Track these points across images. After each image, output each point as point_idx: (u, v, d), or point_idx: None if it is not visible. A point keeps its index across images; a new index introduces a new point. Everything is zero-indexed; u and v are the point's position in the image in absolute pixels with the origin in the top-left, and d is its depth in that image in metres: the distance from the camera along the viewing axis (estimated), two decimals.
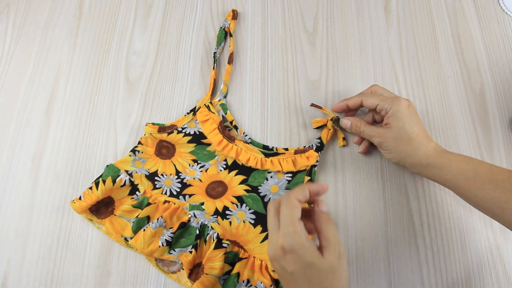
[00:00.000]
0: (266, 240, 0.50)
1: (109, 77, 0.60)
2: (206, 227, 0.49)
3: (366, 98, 0.51)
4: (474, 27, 0.65)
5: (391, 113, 0.48)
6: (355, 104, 0.52)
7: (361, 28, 0.64)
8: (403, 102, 0.48)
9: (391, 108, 0.48)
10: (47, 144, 0.55)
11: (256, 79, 0.60)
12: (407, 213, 0.53)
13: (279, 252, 0.37)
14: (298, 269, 0.36)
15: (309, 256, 0.36)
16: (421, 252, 0.51)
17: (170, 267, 0.49)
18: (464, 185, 0.44)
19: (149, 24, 0.64)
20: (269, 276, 0.47)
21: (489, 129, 0.58)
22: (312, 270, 0.36)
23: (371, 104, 0.50)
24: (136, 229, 0.48)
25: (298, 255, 0.36)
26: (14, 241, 0.50)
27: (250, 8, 0.65)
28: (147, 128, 0.54)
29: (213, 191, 0.52)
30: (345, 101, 0.53)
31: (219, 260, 0.46)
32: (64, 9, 0.64)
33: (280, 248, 0.36)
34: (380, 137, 0.49)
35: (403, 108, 0.47)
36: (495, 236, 0.51)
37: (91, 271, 0.49)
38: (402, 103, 0.48)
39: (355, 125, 0.52)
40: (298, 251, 0.36)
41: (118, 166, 0.51)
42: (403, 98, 0.49)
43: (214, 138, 0.54)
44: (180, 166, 0.53)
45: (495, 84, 0.61)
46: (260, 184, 0.53)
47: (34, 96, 0.58)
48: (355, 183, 0.54)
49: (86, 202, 0.48)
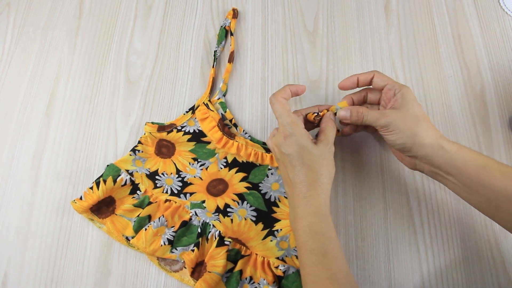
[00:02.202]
0: (268, 237, 0.50)
1: (109, 77, 0.60)
2: (208, 225, 0.49)
3: (378, 75, 0.49)
4: (474, 27, 0.65)
5: (400, 94, 0.46)
6: (366, 79, 0.49)
7: (361, 28, 0.64)
8: (411, 90, 0.47)
9: (400, 90, 0.46)
10: (47, 143, 0.55)
11: (257, 78, 0.60)
12: (407, 212, 0.53)
13: (280, 139, 0.45)
14: (294, 151, 0.44)
15: (304, 141, 0.44)
16: (421, 251, 0.51)
17: (173, 266, 0.49)
18: (474, 172, 0.42)
19: (149, 24, 0.64)
20: (271, 273, 0.47)
21: (489, 129, 0.58)
22: (305, 152, 0.44)
23: (380, 82, 0.48)
24: (137, 228, 0.48)
25: (296, 138, 0.44)
26: (14, 240, 0.50)
27: (250, 8, 0.65)
28: (146, 127, 0.54)
29: (214, 189, 0.52)
30: (356, 75, 0.50)
31: (222, 258, 0.46)
32: (64, 9, 0.64)
33: (282, 136, 0.45)
34: (386, 117, 0.45)
35: (411, 93, 0.46)
36: (495, 236, 0.51)
37: (91, 270, 0.49)
38: (410, 90, 0.47)
39: (356, 112, 0.47)
40: (296, 135, 0.44)
41: (119, 166, 0.51)
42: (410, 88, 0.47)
43: (214, 135, 0.54)
44: (181, 165, 0.53)
45: (495, 84, 0.61)
46: (260, 181, 0.53)
47: (34, 96, 0.58)
48: (355, 183, 0.54)
49: (87, 202, 0.48)
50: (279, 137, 0.45)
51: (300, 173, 0.44)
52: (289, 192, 0.45)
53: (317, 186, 0.43)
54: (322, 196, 0.43)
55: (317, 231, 0.41)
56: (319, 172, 0.43)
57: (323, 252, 0.40)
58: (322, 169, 0.44)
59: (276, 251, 0.49)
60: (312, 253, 0.41)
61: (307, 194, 0.43)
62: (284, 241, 0.50)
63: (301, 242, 0.42)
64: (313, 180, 0.43)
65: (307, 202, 0.43)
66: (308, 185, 0.43)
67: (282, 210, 0.51)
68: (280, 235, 0.50)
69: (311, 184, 0.43)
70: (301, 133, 0.44)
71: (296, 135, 0.44)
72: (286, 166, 0.45)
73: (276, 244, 0.49)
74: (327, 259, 0.40)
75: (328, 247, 0.41)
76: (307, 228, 0.42)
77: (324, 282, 0.39)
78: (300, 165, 0.44)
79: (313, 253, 0.41)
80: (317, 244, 0.41)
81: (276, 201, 0.52)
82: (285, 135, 0.44)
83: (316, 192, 0.43)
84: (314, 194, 0.43)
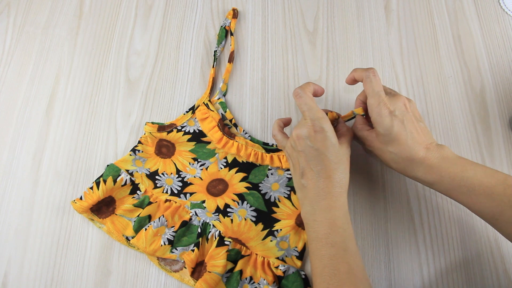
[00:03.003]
0: (268, 237, 0.50)
1: (109, 76, 0.60)
2: (208, 225, 0.49)
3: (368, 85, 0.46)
4: (475, 27, 0.65)
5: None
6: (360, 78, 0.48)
7: (361, 28, 0.64)
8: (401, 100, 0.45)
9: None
10: (48, 143, 0.55)
11: (257, 78, 0.60)
12: (407, 212, 0.53)
13: (310, 132, 0.44)
14: (324, 146, 0.44)
15: (334, 138, 0.44)
16: (421, 251, 0.51)
17: (173, 266, 0.49)
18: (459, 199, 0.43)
19: (150, 24, 0.64)
20: (271, 273, 0.47)
21: (489, 129, 0.58)
22: (334, 149, 0.44)
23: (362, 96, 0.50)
24: (137, 228, 0.48)
25: (328, 135, 0.44)
26: (14, 240, 0.50)
27: (250, 8, 0.65)
28: (146, 127, 0.54)
29: (214, 189, 0.52)
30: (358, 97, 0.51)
31: (222, 258, 0.46)
32: (64, 9, 0.64)
33: (312, 130, 0.44)
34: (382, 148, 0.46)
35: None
36: (495, 236, 0.51)
37: (91, 270, 0.49)
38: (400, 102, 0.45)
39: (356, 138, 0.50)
40: (328, 132, 0.44)
41: (119, 166, 0.51)
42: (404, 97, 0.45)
43: (214, 135, 0.54)
44: (181, 165, 0.53)
45: (496, 84, 0.61)
46: (260, 181, 0.53)
47: (35, 96, 0.58)
48: (355, 183, 0.54)
49: (87, 202, 0.48)
50: (308, 129, 0.44)
51: (327, 169, 0.44)
52: (311, 184, 0.44)
53: (342, 184, 0.44)
54: (345, 194, 0.44)
55: (340, 226, 0.42)
56: (344, 171, 0.44)
57: (344, 246, 0.41)
58: (346, 169, 0.45)
59: (276, 251, 0.49)
60: (334, 246, 0.41)
61: (333, 190, 0.43)
62: (284, 241, 0.50)
63: (322, 235, 0.42)
64: (339, 178, 0.44)
65: (332, 196, 0.43)
66: (334, 182, 0.44)
67: (282, 210, 0.51)
68: (280, 235, 0.50)
69: (337, 181, 0.44)
70: (331, 130, 0.45)
71: (327, 131, 0.44)
72: (309, 159, 0.45)
73: (276, 244, 0.49)
74: (348, 254, 0.40)
75: (349, 243, 0.41)
76: (331, 221, 0.42)
77: (342, 276, 0.39)
78: (327, 161, 0.44)
79: (335, 246, 0.41)
80: (340, 238, 0.41)
81: (276, 201, 0.52)
82: (315, 129, 0.44)
83: (341, 189, 0.44)
84: (340, 191, 0.44)
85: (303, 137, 0.45)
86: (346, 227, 0.42)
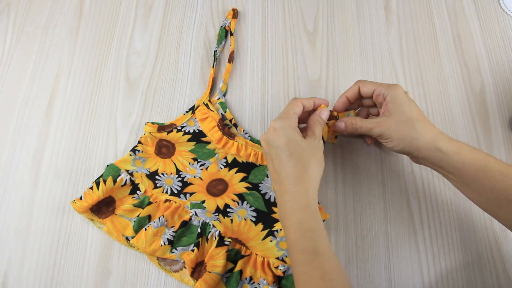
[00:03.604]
0: (268, 237, 0.50)
1: (109, 76, 0.60)
2: (208, 225, 0.49)
3: (363, 84, 0.49)
4: (474, 27, 0.65)
5: (390, 98, 0.46)
6: (353, 93, 0.50)
7: (361, 28, 0.64)
8: (400, 88, 0.46)
9: (388, 93, 0.46)
10: (48, 143, 0.55)
11: (257, 78, 0.60)
12: (407, 213, 0.53)
13: (270, 132, 0.44)
14: (282, 143, 0.43)
15: (292, 133, 0.44)
16: (421, 251, 0.51)
17: (173, 266, 0.49)
18: (473, 174, 0.42)
19: (149, 24, 0.64)
20: (271, 273, 0.47)
21: (489, 129, 0.58)
22: (293, 144, 0.43)
23: (367, 90, 0.48)
24: (137, 228, 0.48)
25: (285, 131, 0.43)
26: (15, 240, 0.50)
27: (250, 8, 0.65)
28: (146, 127, 0.54)
29: (214, 189, 0.52)
30: (344, 95, 0.51)
31: (221, 258, 0.46)
32: (64, 9, 0.64)
33: (272, 128, 0.44)
34: (380, 126, 0.46)
35: (400, 93, 0.46)
36: (495, 236, 0.51)
37: (91, 270, 0.49)
38: (398, 89, 0.46)
39: (350, 123, 0.48)
40: (285, 129, 0.44)
41: (119, 166, 0.51)
42: (399, 85, 0.47)
43: (214, 135, 0.54)
44: (180, 165, 0.53)
45: (495, 84, 0.61)
46: (260, 182, 0.53)
47: (35, 96, 0.58)
48: (355, 183, 0.54)
49: (87, 202, 0.48)
50: (269, 131, 0.45)
51: (287, 166, 0.42)
52: (277, 188, 0.44)
53: (305, 180, 0.42)
54: (310, 191, 0.42)
55: (307, 229, 0.40)
56: (307, 165, 0.42)
57: (314, 250, 0.39)
58: (310, 163, 0.43)
59: (276, 251, 0.49)
60: (304, 252, 0.39)
61: (294, 189, 0.41)
62: (284, 241, 0.49)
63: (292, 241, 0.41)
64: (301, 174, 0.42)
65: (294, 197, 0.41)
66: (295, 179, 0.41)
67: None
68: (280, 235, 0.50)
69: (298, 177, 0.42)
70: (290, 126, 0.44)
71: (285, 128, 0.43)
72: (273, 159, 0.44)
73: (276, 245, 0.49)
74: (319, 258, 0.39)
75: (320, 245, 0.39)
76: (297, 226, 0.40)
77: (317, 282, 0.38)
78: (287, 158, 0.42)
79: (304, 252, 0.39)
80: (308, 242, 0.39)
81: (275, 201, 0.52)
82: (274, 128, 0.44)
83: (304, 187, 0.41)
84: (302, 189, 0.41)
85: (266, 138, 0.45)
86: (315, 228, 0.40)
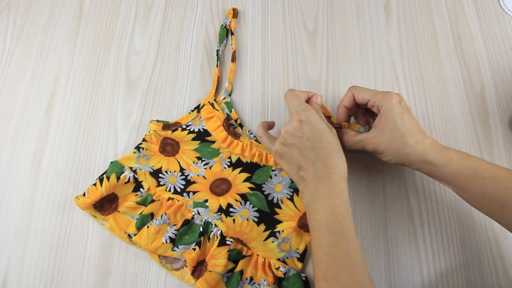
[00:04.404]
0: (270, 238, 0.50)
1: (109, 76, 0.60)
2: (210, 224, 0.49)
3: (357, 92, 0.50)
4: (474, 27, 0.65)
5: (383, 110, 0.47)
6: (349, 100, 0.50)
7: (361, 28, 0.64)
8: (394, 98, 0.47)
9: (383, 106, 0.47)
10: (48, 143, 0.55)
11: (257, 78, 0.60)
12: (407, 212, 0.53)
13: (296, 124, 0.45)
14: (314, 134, 0.44)
15: (322, 125, 0.45)
16: (421, 251, 0.51)
17: (174, 264, 0.49)
18: (465, 183, 0.43)
19: (150, 24, 0.64)
20: (272, 274, 0.47)
21: (489, 129, 0.58)
22: (324, 136, 0.44)
23: (362, 100, 0.49)
24: (139, 225, 0.48)
25: (315, 123, 0.45)
26: (15, 240, 0.50)
27: (250, 8, 0.65)
28: (151, 125, 0.54)
29: (217, 188, 0.52)
30: (341, 104, 0.51)
31: (223, 258, 0.46)
32: (64, 9, 0.64)
33: (298, 121, 0.45)
34: (373, 143, 0.47)
35: (394, 105, 0.46)
36: (495, 236, 0.51)
37: (91, 270, 0.49)
38: (393, 99, 0.46)
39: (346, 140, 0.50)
40: (313, 120, 0.45)
41: (123, 163, 0.51)
42: (394, 93, 0.47)
43: (219, 135, 0.54)
44: (184, 163, 0.53)
45: (496, 84, 0.61)
46: (264, 182, 0.53)
47: (35, 96, 0.58)
48: (355, 183, 0.54)
49: (90, 198, 0.48)
50: (295, 122, 0.45)
51: (322, 156, 0.43)
52: (309, 175, 0.44)
53: (340, 169, 0.44)
54: (344, 180, 0.44)
55: (339, 214, 0.42)
56: (338, 156, 0.44)
57: (343, 234, 0.41)
58: (340, 154, 0.45)
59: (277, 252, 0.49)
60: (333, 233, 0.41)
61: (331, 177, 0.43)
62: (285, 242, 0.49)
63: (322, 223, 0.42)
64: (336, 163, 0.44)
65: (332, 184, 0.43)
66: (331, 168, 0.43)
67: (285, 211, 0.51)
68: (282, 236, 0.50)
69: (334, 166, 0.43)
70: (317, 117, 0.45)
71: (313, 119, 0.45)
72: (302, 150, 0.44)
73: (277, 246, 0.49)
74: (347, 242, 0.40)
75: (349, 231, 0.41)
76: (331, 209, 0.42)
77: (340, 265, 0.39)
78: (321, 149, 0.44)
79: (334, 234, 0.41)
80: (339, 225, 0.41)
81: (278, 202, 0.52)
82: (301, 120, 0.45)
83: (339, 175, 0.43)
84: (338, 177, 0.43)
85: (291, 130, 0.45)
86: (345, 215, 0.42)
